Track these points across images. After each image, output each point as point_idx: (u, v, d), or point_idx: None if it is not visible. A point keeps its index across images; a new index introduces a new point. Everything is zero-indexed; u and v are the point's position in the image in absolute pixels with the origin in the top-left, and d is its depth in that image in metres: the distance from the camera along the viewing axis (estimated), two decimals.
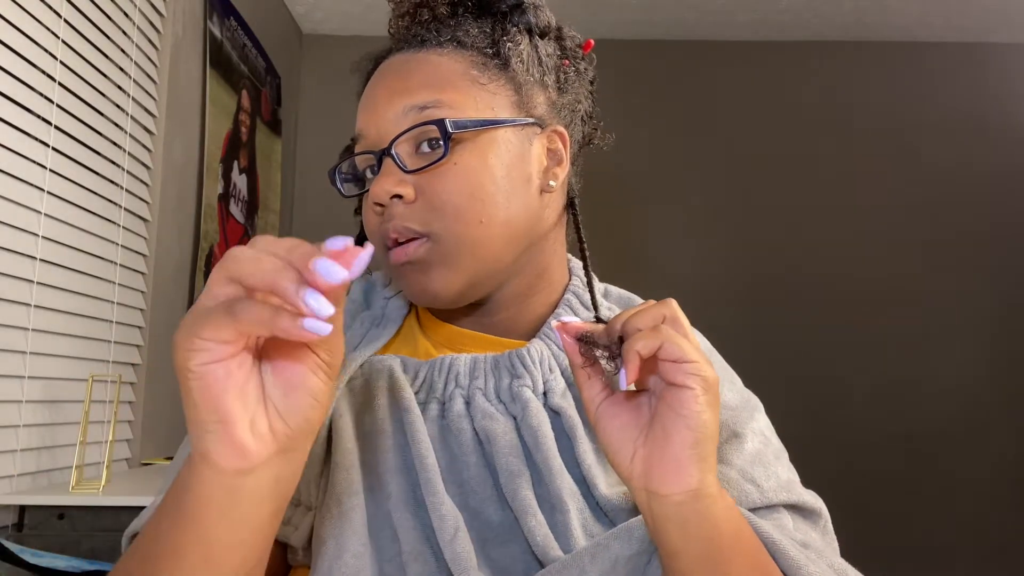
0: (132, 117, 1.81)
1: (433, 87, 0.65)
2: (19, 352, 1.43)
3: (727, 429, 0.67)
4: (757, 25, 3.11)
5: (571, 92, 0.72)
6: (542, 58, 0.69)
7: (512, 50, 0.67)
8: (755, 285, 3.10)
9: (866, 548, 2.93)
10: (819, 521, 0.66)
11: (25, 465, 1.45)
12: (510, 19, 0.69)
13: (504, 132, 0.66)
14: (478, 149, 0.65)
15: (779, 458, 0.68)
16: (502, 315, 0.71)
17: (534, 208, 0.68)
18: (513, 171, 0.66)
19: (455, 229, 0.64)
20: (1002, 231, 3.12)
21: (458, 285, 0.65)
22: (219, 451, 0.43)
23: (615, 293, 0.78)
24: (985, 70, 3.20)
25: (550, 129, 0.69)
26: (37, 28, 1.46)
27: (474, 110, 0.65)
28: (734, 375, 0.74)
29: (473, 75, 0.66)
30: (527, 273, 0.70)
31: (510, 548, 0.60)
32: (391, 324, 0.73)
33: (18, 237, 1.42)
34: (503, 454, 0.62)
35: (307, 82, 3.21)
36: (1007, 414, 3.03)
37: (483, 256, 0.65)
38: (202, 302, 0.42)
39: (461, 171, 0.64)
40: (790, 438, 0.75)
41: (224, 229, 2.35)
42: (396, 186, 0.64)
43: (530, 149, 0.67)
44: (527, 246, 0.68)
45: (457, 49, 0.67)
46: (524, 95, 0.68)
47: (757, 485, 0.63)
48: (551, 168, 0.69)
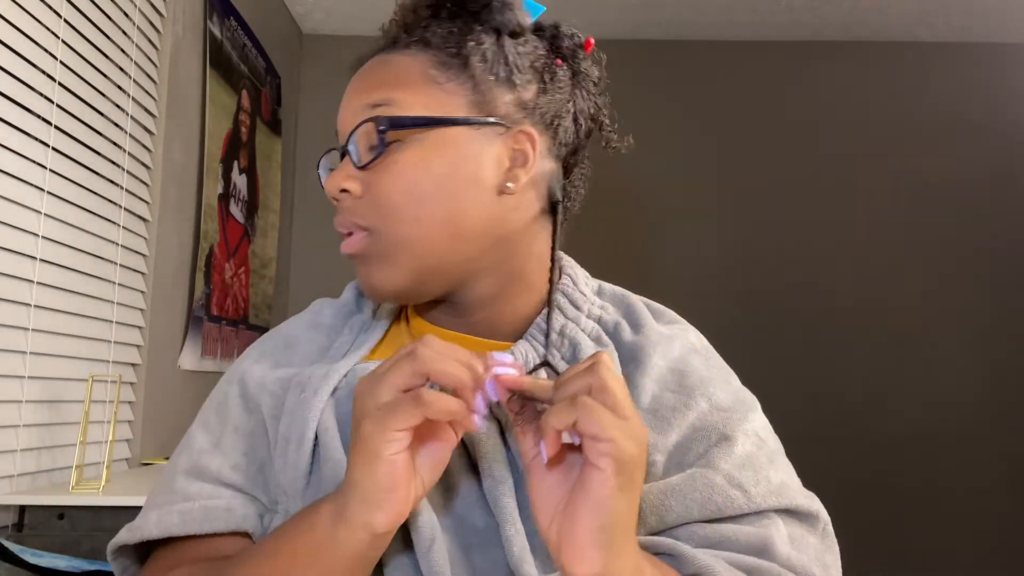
0: (132, 117, 1.81)
1: (388, 86, 0.66)
2: (19, 352, 1.43)
3: (717, 431, 0.65)
4: (757, 25, 3.11)
5: (559, 92, 0.69)
6: (509, 57, 0.67)
7: (474, 49, 0.66)
8: (754, 285, 3.10)
9: (865, 550, 2.94)
10: (817, 524, 0.65)
11: (25, 465, 1.45)
12: (478, 19, 0.68)
13: (455, 131, 0.65)
14: (423, 148, 0.64)
15: (773, 460, 0.66)
16: (480, 315, 0.70)
17: (490, 209, 0.66)
18: (460, 171, 0.65)
19: (391, 225, 0.65)
20: (1002, 231, 3.12)
21: (399, 281, 0.66)
22: (383, 521, 0.52)
23: (609, 291, 0.77)
24: (985, 70, 3.20)
25: (516, 129, 0.67)
26: (37, 28, 1.46)
27: (423, 109, 0.65)
28: (730, 373, 0.72)
29: (431, 74, 0.66)
30: (499, 274, 0.69)
31: (493, 553, 0.60)
32: (378, 329, 0.73)
33: (18, 237, 1.42)
34: (487, 460, 0.62)
35: (307, 82, 3.21)
36: (1006, 416, 3.02)
37: (422, 254, 0.65)
38: (383, 393, 0.52)
39: (400, 169, 0.64)
40: (789, 439, 0.74)
41: (224, 229, 2.35)
42: (344, 181, 0.66)
43: (487, 149, 0.66)
44: (487, 247, 0.67)
45: (422, 49, 0.67)
46: (484, 95, 0.66)
47: (744, 491, 0.62)
48: (513, 169, 0.67)
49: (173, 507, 0.65)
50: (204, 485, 0.67)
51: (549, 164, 0.70)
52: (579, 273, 0.76)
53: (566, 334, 0.69)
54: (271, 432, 0.68)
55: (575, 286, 0.73)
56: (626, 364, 0.68)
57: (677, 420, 0.65)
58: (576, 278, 0.74)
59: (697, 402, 0.66)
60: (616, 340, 0.70)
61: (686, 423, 0.65)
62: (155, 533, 0.65)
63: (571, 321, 0.70)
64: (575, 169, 0.74)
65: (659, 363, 0.68)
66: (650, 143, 3.11)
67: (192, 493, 0.66)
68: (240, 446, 0.68)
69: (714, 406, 0.66)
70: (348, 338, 0.73)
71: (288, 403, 0.67)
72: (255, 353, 0.75)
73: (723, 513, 0.61)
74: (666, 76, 3.22)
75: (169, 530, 0.64)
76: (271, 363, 0.72)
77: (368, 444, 0.51)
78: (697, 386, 0.67)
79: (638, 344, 0.69)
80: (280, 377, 0.70)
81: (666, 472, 0.64)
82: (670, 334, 0.71)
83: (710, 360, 0.72)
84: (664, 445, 0.64)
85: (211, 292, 2.26)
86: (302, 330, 0.75)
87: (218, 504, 0.65)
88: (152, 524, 0.65)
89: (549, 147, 0.69)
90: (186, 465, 0.69)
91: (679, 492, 0.62)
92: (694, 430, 0.65)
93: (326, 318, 0.76)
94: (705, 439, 0.65)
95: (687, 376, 0.68)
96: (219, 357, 2.33)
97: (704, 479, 0.62)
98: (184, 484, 0.67)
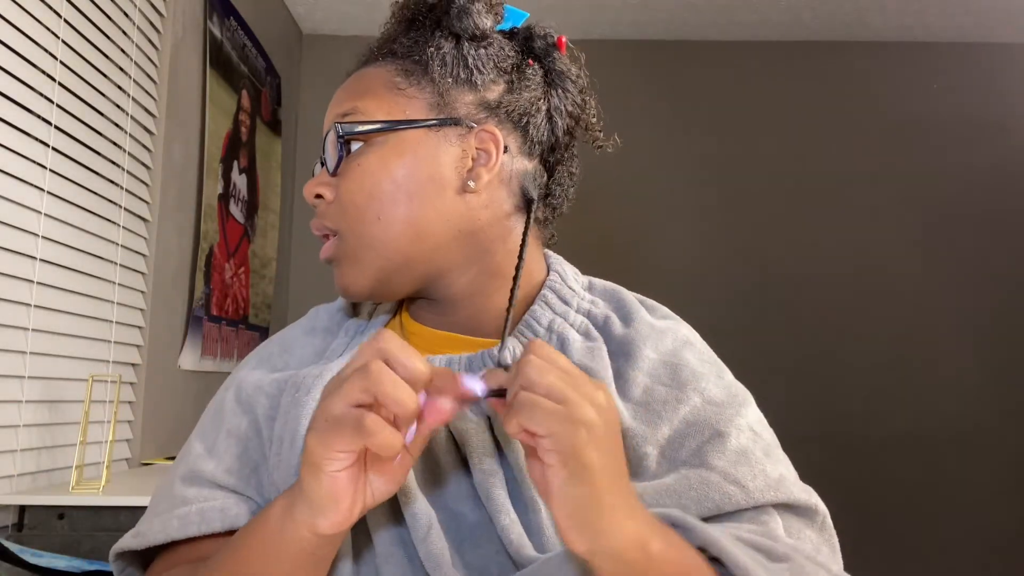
0: (132, 117, 1.81)
1: (355, 97, 0.70)
2: (19, 352, 1.43)
3: (710, 427, 0.65)
4: (757, 25, 3.11)
5: (529, 91, 0.71)
6: (469, 60, 0.69)
7: (433, 55, 0.69)
8: (754, 285, 3.10)
9: (866, 548, 2.94)
10: (816, 518, 0.65)
11: (25, 465, 1.45)
12: (440, 26, 0.70)
13: (413, 134, 0.68)
14: (383, 151, 0.68)
15: (769, 454, 0.66)
16: (462, 313, 0.71)
17: (453, 208, 0.68)
18: (418, 172, 0.67)
19: (355, 227, 0.68)
20: (1002, 231, 3.12)
21: (365, 280, 0.69)
22: (327, 525, 0.54)
23: (599, 286, 0.77)
24: (985, 70, 3.20)
25: (478, 129, 0.69)
26: (37, 28, 1.46)
27: (385, 115, 0.68)
28: (723, 368, 0.72)
29: (395, 82, 0.70)
30: (475, 270, 0.70)
31: (485, 549, 0.61)
32: (373, 330, 0.74)
33: (18, 237, 1.42)
34: (477, 454, 0.63)
35: (307, 82, 3.21)
36: (1007, 414, 3.02)
37: (385, 253, 0.68)
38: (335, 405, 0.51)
39: (362, 172, 0.68)
40: (789, 439, 0.74)
41: (224, 229, 2.35)
42: (316, 188, 0.70)
43: (446, 150, 0.68)
44: (455, 244, 0.69)
45: (390, 60, 0.71)
46: (444, 97, 0.69)
47: (741, 486, 0.62)
48: (475, 168, 0.68)
49: (173, 512, 0.67)
50: (200, 489, 0.69)
51: (522, 162, 0.71)
52: (568, 269, 0.76)
53: (554, 330, 0.70)
54: (266, 432, 0.69)
55: (563, 282, 0.74)
56: (616, 358, 0.69)
57: (668, 413, 0.65)
58: (565, 274, 0.75)
59: (689, 396, 0.66)
60: (606, 334, 0.71)
61: (678, 417, 0.65)
62: (159, 539, 0.67)
63: (559, 316, 0.71)
64: (559, 167, 0.74)
65: (650, 356, 0.68)
66: (649, 143, 3.12)
67: (189, 497, 0.68)
68: (233, 449, 0.70)
69: (707, 400, 0.67)
70: (343, 340, 0.75)
71: (283, 403, 0.68)
72: (253, 360, 0.77)
73: (721, 510, 0.61)
74: (666, 76, 3.22)
75: (170, 535, 0.66)
76: (268, 368, 0.75)
77: (311, 457, 0.52)
78: (690, 380, 0.67)
79: (628, 337, 0.70)
80: (276, 379, 0.71)
81: (659, 466, 0.64)
82: (662, 327, 0.71)
83: (703, 354, 0.72)
84: (655, 438, 0.64)
85: (211, 292, 2.26)
86: (298, 335, 0.77)
87: (214, 505, 0.67)
88: (156, 531, 0.67)
89: (520, 146, 0.71)
90: (183, 472, 0.71)
91: (674, 492, 0.62)
92: (687, 424, 0.65)
93: (322, 322, 0.78)
94: (698, 434, 0.65)
95: (679, 370, 0.68)
96: (219, 357, 2.33)
97: (699, 477, 0.62)
98: (182, 490, 0.69)
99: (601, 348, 0.69)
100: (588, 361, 0.67)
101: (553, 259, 0.77)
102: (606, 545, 0.50)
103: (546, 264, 0.76)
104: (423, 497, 0.62)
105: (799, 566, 0.58)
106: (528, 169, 0.71)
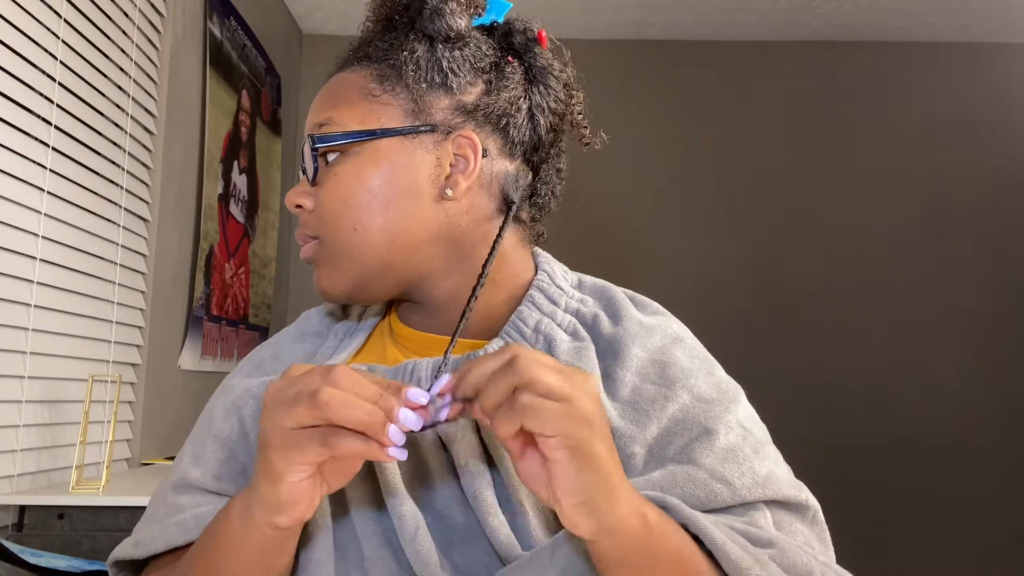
0: (132, 117, 1.81)
1: (329, 106, 0.70)
2: (19, 352, 1.43)
3: (698, 425, 0.64)
4: (757, 25, 3.11)
5: (508, 90, 0.69)
6: (443, 63, 0.67)
7: (406, 59, 0.68)
8: (754, 286, 3.10)
9: (865, 549, 2.94)
10: (807, 513, 0.65)
11: (25, 465, 1.45)
12: (413, 28, 0.69)
13: (388, 143, 0.67)
14: (358, 161, 0.68)
15: (759, 451, 0.65)
16: (448, 316, 0.71)
17: (431, 216, 0.68)
18: (394, 181, 0.67)
19: (332, 234, 0.69)
20: (1002, 231, 3.12)
21: (343, 284, 0.70)
22: (286, 522, 0.54)
23: (589, 283, 0.76)
24: (985, 70, 3.20)
25: (455, 134, 0.68)
26: (37, 28, 1.46)
27: (359, 123, 0.68)
28: (714, 364, 0.71)
29: (369, 88, 0.69)
30: (459, 273, 0.70)
31: (473, 550, 0.61)
32: (361, 333, 0.74)
33: (18, 237, 1.42)
34: (463, 456, 0.63)
35: (307, 82, 3.21)
36: (1006, 415, 3.02)
37: (362, 260, 0.68)
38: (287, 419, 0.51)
39: (337, 182, 0.68)
40: (788, 439, 0.74)
41: (224, 229, 2.35)
42: (296, 198, 0.71)
43: (422, 158, 0.67)
44: (436, 250, 0.68)
45: (365, 65, 0.70)
46: (419, 103, 0.68)
47: (728, 484, 0.61)
48: (453, 176, 0.68)
49: (170, 520, 0.68)
50: (192, 496, 0.69)
51: (503, 164, 0.70)
52: (556, 268, 0.75)
53: (540, 330, 0.69)
54: (252, 435, 0.70)
55: (551, 281, 0.73)
56: (604, 357, 0.68)
57: (656, 412, 0.64)
58: (553, 273, 0.74)
59: (678, 394, 0.66)
60: (594, 333, 0.70)
61: (666, 415, 0.64)
62: (160, 547, 0.67)
63: (547, 317, 0.70)
64: (544, 166, 0.73)
65: (639, 354, 0.68)
66: (649, 143, 3.12)
67: (183, 504, 0.69)
68: (219, 454, 0.71)
69: (696, 398, 0.66)
70: (333, 343, 0.75)
71: None
72: (246, 368, 0.78)
73: (706, 507, 0.61)
74: (665, 76, 3.21)
75: (171, 542, 0.67)
76: (259, 373, 0.75)
77: (272, 468, 0.52)
78: (679, 378, 0.67)
79: (617, 336, 0.69)
80: (265, 381, 0.72)
81: (646, 465, 0.63)
82: (651, 324, 0.71)
83: (693, 351, 0.71)
84: (643, 437, 0.64)
85: (211, 292, 2.26)
86: (288, 341, 0.78)
87: (208, 511, 0.67)
88: (156, 538, 0.67)
89: (501, 147, 0.69)
90: (175, 480, 0.72)
91: (659, 487, 0.61)
92: (675, 423, 0.64)
93: (312, 326, 0.78)
94: (686, 432, 0.64)
95: (668, 367, 0.67)
96: (219, 357, 2.33)
97: (685, 474, 0.61)
98: (175, 498, 0.70)
99: (589, 348, 0.68)
100: (575, 362, 0.67)
101: (542, 258, 0.76)
102: (612, 521, 0.51)
103: (534, 263, 0.75)
104: (410, 499, 0.62)
105: (782, 551, 0.58)
106: (510, 170, 0.70)
